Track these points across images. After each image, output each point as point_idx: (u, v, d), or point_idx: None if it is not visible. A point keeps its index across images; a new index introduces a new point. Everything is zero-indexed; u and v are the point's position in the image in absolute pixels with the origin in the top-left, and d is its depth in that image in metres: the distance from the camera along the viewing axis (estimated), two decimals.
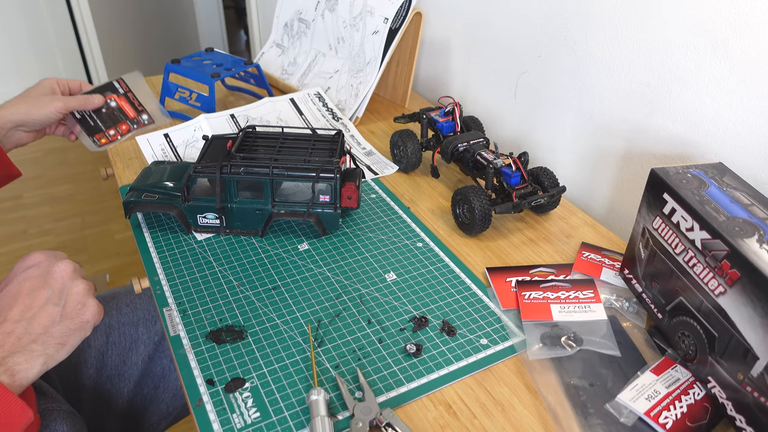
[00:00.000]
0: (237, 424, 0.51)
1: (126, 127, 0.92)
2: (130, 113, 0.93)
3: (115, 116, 0.92)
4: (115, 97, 0.92)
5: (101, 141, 0.89)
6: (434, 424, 0.52)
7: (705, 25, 0.67)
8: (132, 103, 0.94)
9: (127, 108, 0.93)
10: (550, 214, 0.82)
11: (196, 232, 0.75)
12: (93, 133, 0.90)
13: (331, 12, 1.10)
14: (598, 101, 0.84)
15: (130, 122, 0.92)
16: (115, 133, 0.91)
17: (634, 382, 0.56)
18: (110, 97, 0.92)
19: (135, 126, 0.93)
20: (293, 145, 0.76)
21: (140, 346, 0.74)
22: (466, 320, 0.63)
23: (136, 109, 0.94)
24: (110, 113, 0.91)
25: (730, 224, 0.52)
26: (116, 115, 0.92)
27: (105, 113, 0.91)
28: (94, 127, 0.90)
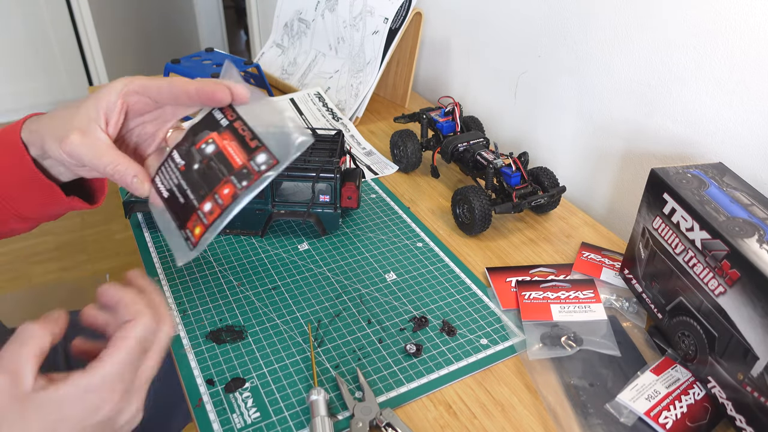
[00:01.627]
0: (237, 424, 0.51)
1: (230, 189, 0.45)
2: (237, 159, 0.46)
3: (212, 173, 0.46)
4: (214, 138, 0.47)
5: (195, 232, 0.46)
6: (434, 424, 0.52)
7: (705, 25, 0.67)
8: (241, 137, 0.47)
9: (233, 151, 0.47)
10: (550, 214, 0.82)
11: None
12: (183, 222, 0.47)
13: (331, 12, 1.10)
14: (598, 101, 0.84)
15: (236, 178, 0.45)
16: (213, 209, 0.45)
17: (634, 382, 0.56)
18: (206, 139, 0.48)
19: (243, 183, 0.45)
20: None
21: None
22: (466, 320, 0.63)
23: (247, 147, 0.46)
24: (204, 169, 0.47)
25: (730, 224, 0.52)
26: (214, 171, 0.46)
27: (197, 170, 0.47)
28: (183, 209, 0.47)
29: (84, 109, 0.46)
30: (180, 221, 0.47)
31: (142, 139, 0.51)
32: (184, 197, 0.47)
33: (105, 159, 0.45)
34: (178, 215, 0.47)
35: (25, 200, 0.50)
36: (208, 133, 0.48)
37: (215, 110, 0.49)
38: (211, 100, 0.47)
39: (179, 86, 0.46)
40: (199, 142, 0.48)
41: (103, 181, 0.56)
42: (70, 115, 0.46)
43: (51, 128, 0.47)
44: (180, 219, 0.47)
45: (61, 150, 0.45)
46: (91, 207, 0.54)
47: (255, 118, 0.47)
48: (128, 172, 0.46)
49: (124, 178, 0.46)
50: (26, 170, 0.48)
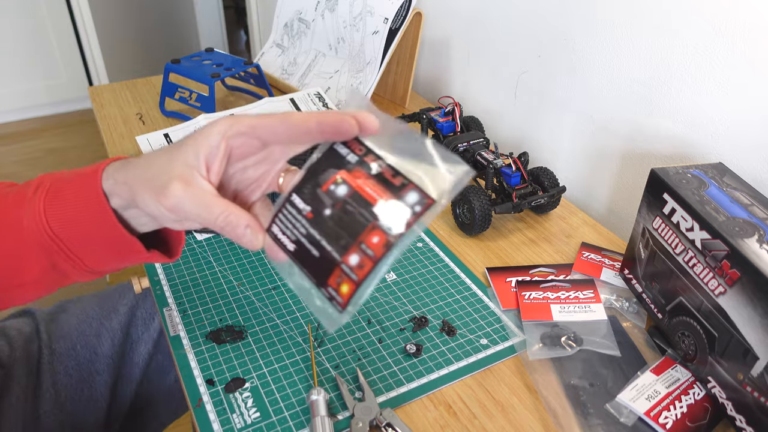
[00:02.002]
0: (237, 424, 0.51)
1: (380, 237, 0.38)
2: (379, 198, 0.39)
3: (350, 219, 0.39)
4: (344, 177, 0.40)
5: (341, 291, 0.38)
6: (434, 424, 0.52)
7: (705, 25, 0.67)
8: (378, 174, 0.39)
9: (372, 191, 0.39)
10: (550, 214, 0.82)
11: (196, 232, 0.75)
12: (322, 279, 0.39)
13: (331, 12, 1.10)
14: (598, 101, 0.84)
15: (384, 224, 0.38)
16: (362, 262, 0.38)
17: (634, 382, 0.56)
18: (332, 180, 0.40)
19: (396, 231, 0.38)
20: None
21: (140, 346, 0.74)
22: (466, 320, 0.63)
23: (390, 186, 0.39)
24: (340, 215, 0.39)
25: (730, 224, 0.52)
26: (353, 216, 0.39)
27: (330, 217, 0.39)
28: (320, 263, 0.39)
29: (181, 155, 0.40)
30: (317, 278, 0.39)
31: (243, 186, 0.45)
32: (318, 249, 0.39)
33: (215, 210, 0.39)
34: (313, 271, 0.39)
35: (99, 255, 0.44)
36: (334, 171, 0.40)
37: (337, 144, 0.41)
38: (335, 134, 0.39)
39: (296, 123, 0.39)
40: (324, 183, 0.39)
41: (180, 232, 0.50)
42: (165, 163, 0.40)
43: (143, 179, 0.40)
44: (317, 275, 0.39)
45: (161, 204, 0.39)
46: (170, 260, 0.49)
47: (390, 149, 0.40)
48: (240, 222, 0.40)
49: (236, 230, 0.40)
50: (107, 225, 0.42)
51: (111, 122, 1.04)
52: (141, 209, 0.41)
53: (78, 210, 0.42)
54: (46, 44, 2.69)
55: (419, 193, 0.38)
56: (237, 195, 0.45)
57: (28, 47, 2.67)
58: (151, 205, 0.40)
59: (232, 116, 0.41)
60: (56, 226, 0.42)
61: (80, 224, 0.42)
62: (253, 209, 0.45)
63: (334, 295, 0.38)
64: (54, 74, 2.78)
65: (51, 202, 0.43)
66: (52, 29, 2.66)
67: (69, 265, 0.44)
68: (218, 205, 0.39)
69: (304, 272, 0.40)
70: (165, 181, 0.39)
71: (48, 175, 0.45)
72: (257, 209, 0.45)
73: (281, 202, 0.41)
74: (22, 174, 2.36)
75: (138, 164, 0.42)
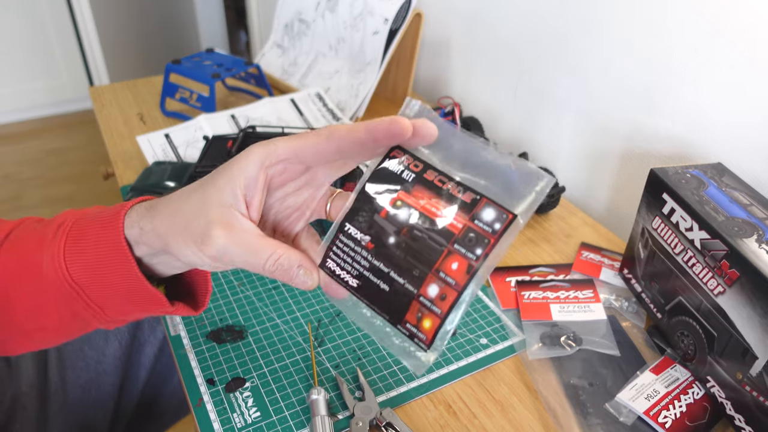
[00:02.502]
0: (237, 424, 0.51)
1: (460, 263, 0.33)
2: (454, 222, 0.34)
3: (421, 245, 0.34)
4: (403, 198, 0.35)
5: (423, 326, 0.34)
6: (434, 423, 0.53)
7: (705, 26, 0.67)
8: (444, 191, 0.35)
9: (440, 212, 0.34)
10: (549, 214, 0.82)
11: None
12: (398, 316, 0.35)
13: (331, 12, 1.10)
14: (597, 101, 0.84)
15: (463, 247, 0.33)
16: (444, 292, 0.33)
17: (634, 381, 0.56)
18: (392, 202, 0.35)
19: (478, 252, 0.33)
20: None
21: (147, 347, 0.74)
22: (466, 320, 0.63)
23: (462, 203, 0.34)
24: (408, 243, 0.34)
25: (729, 224, 0.52)
26: (424, 242, 0.34)
27: (396, 245, 0.34)
28: (392, 298, 0.35)
29: (215, 193, 0.36)
30: (392, 315, 0.34)
31: (284, 216, 0.40)
32: (387, 283, 0.34)
33: (263, 254, 0.35)
34: (385, 308, 0.35)
35: (121, 305, 0.41)
36: (392, 193, 0.35)
37: (389, 161, 0.36)
38: (389, 137, 0.34)
39: (343, 135, 0.35)
40: (382, 208, 0.35)
41: (206, 277, 0.45)
42: (199, 205, 0.36)
43: (177, 227, 0.36)
44: (391, 312, 0.34)
45: (203, 253, 0.35)
46: (196, 313, 0.44)
47: (452, 161, 0.35)
48: (292, 263, 0.35)
49: (288, 272, 0.36)
50: (130, 276, 0.38)
51: (112, 122, 1.04)
52: (176, 257, 0.37)
53: (99, 258, 0.38)
54: (46, 44, 2.69)
55: (496, 209, 0.33)
56: (277, 226, 0.40)
57: (28, 47, 2.67)
58: (189, 255, 0.36)
59: (270, 142, 0.36)
60: (76, 272, 0.39)
61: (101, 273, 0.39)
62: (297, 241, 0.40)
63: (415, 332, 0.34)
64: (55, 74, 2.78)
65: (71, 247, 0.39)
66: (52, 29, 2.66)
67: (89, 314, 0.41)
68: (266, 248, 0.35)
69: (374, 309, 0.35)
70: (204, 228, 0.35)
71: (71, 213, 0.42)
72: (303, 241, 0.40)
73: (333, 233, 0.36)
74: (22, 174, 2.36)
75: (166, 208, 0.37)
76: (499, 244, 0.33)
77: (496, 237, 0.33)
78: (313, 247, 0.39)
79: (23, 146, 2.58)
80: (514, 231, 0.33)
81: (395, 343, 0.35)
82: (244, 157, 0.36)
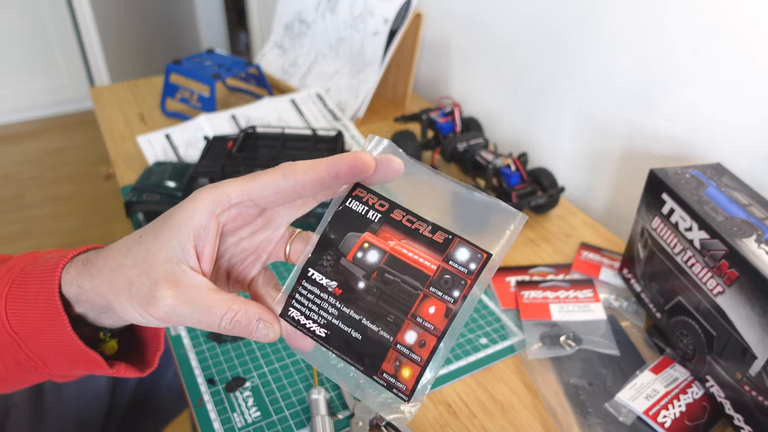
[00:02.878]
0: (238, 423, 0.52)
1: (437, 306, 0.31)
2: (427, 263, 0.32)
3: (394, 290, 0.32)
4: (370, 240, 0.33)
5: (402, 376, 0.32)
6: (434, 423, 0.53)
7: (705, 26, 0.67)
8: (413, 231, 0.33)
9: (411, 253, 0.32)
10: (549, 214, 0.82)
11: None
12: (374, 366, 0.32)
13: (331, 13, 1.10)
14: (597, 101, 0.84)
15: (439, 290, 0.32)
16: (423, 338, 0.31)
17: (633, 381, 0.56)
18: (358, 245, 0.33)
19: (455, 294, 0.31)
20: (294, 146, 0.77)
21: None
22: (466, 320, 0.63)
23: (432, 243, 0.32)
24: (380, 288, 0.32)
25: (729, 224, 0.52)
26: (397, 287, 0.32)
27: (367, 290, 0.32)
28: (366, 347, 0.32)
29: (161, 247, 0.32)
30: (367, 366, 0.32)
31: (238, 260, 0.37)
32: (360, 332, 0.32)
33: (217, 312, 0.32)
34: (359, 358, 0.32)
35: (60, 362, 0.38)
36: (357, 235, 0.33)
37: (351, 202, 0.33)
38: (351, 173, 0.32)
39: (302, 172, 0.32)
40: (348, 252, 0.33)
41: (158, 335, 0.41)
42: (143, 261, 0.32)
43: (117, 286, 0.33)
44: (366, 362, 0.32)
45: (150, 315, 0.32)
46: (142, 374, 0.40)
47: (419, 199, 0.33)
48: (250, 318, 0.32)
49: (246, 328, 0.32)
50: (63, 336, 0.35)
51: (112, 123, 1.04)
52: (120, 317, 0.34)
53: (37, 311, 0.35)
54: (47, 45, 2.69)
55: (470, 249, 0.32)
56: (231, 272, 0.37)
57: (29, 48, 2.67)
58: (135, 316, 0.33)
59: (219, 185, 0.33)
60: (15, 323, 0.36)
61: (39, 327, 0.35)
62: (254, 286, 0.37)
63: (393, 382, 0.31)
64: (55, 75, 2.78)
65: (14, 294, 0.36)
66: (53, 30, 2.67)
67: (32, 366, 0.37)
68: (220, 305, 0.32)
69: (346, 360, 0.33)
70: (149, 287, 0.32)
71: (27, 256, 0.39)
72: (260, 287, 0.37)
73: (295, 280, 0.33)
74: (23, 174, 2.36)
75: (105, 265, 0.34)
76: (477, 284, 0.31)
77: (472, 278, 0.31)
78: (271, 293, 0.36)
79: (24, 146, 2.58)
80: (490, 270, 0.31)
81: (372, 395, 0.33)
82: (192, 205, 0.32)
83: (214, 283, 0.34)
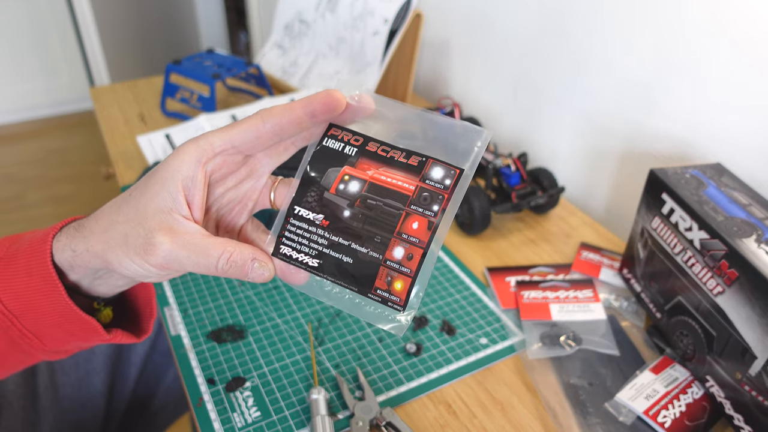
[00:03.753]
0: (238, 423, 0.52)
1: (420, 222, 0.34)
2: (406, 185, 0.35)
3: (378, 213, 0.35)
4: (349, 173, 0.36)
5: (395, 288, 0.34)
6: (434, 423, 0.53)
7: (705, 26, 0.67)
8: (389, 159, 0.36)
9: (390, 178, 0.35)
10: (549, 214, 0.82)
11: None
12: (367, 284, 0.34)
13: (331, 13, 1.10)
14: (597, 101, 0.84)
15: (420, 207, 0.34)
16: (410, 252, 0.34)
17: (633, 381, 0.56)
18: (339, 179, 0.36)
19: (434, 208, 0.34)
20: None
21: (137, 345, 0.74)
22: (466, 320, 0.63)
23: (408, 167, 0.35)
24: (364, 213, 0.35)
25: (729, 224, 0.52)
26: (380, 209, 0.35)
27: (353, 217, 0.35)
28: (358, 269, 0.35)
29: (152, 200, 0.34)
30: (361, 286, 0.34)
31: (225, 211, 0.38)
32: (350, 256, 0.34)
33: (213, 253, 0.33)
34: (352, 280, 0.35)
35: (56, 335, 0.39)
36: (337, 170, 0.35)
37: (327, 141, 0.36)
38: (326, 110, 0.34)
39: (280, 114, 0.34)
40: (331, 185, 0.35)
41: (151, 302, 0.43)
42: (135, 215, 0.34)
43: (113, 242, 0.34)
44: (360, 283, 0.34)
45: (148, 263, 0.33)
46: (138, 340, 0.42)
47: (389, 132, 0.36)
48: (245, 258, 0.34)
49: (242, 268, 0.34)
50: (60, 305, 0.36)
51: (112, 123, 1.04)
52: (119, 273, 0.35)
53: (29, 285, 0.36)
54: (47, 45, 2.69)
55: (444, 167, 0.34)
56: (220, 223, 0.38)
57: (29, 48, 2.67)
58: (135, 268, 0.34)
59: (202, 136, 0.34)
60: (8, 300, 0.36)
61: (32, 301, 0.36)
62: (243, 235, 0.39)
63: (387, 296, 0.34)
64: (55, 75, 2.78)
65: (2, 274, 0.37)
66: (53, 29, 2.67)
67: (26, 343, 0.38)
68: (215, 247, 0.33)
69: (340, 284, 0.35)
70: (145, 237, 0.33)
71: (7, 239, 0.39)
72: (249, 233, 0.39)
73: (282, 219, 0.36)
74: (23, 174, 2.36)
75: (97, 225, 0.35)
76: (453, 198, 0.34)
77: (449, 192, 0.34)
78: (261, 237, 0.38)
79: (24, 146, 2.58)
80: (464, 185, 0.34)
81: (369, 311, 0.36)
82: (178, 158, 0.34)
83: None
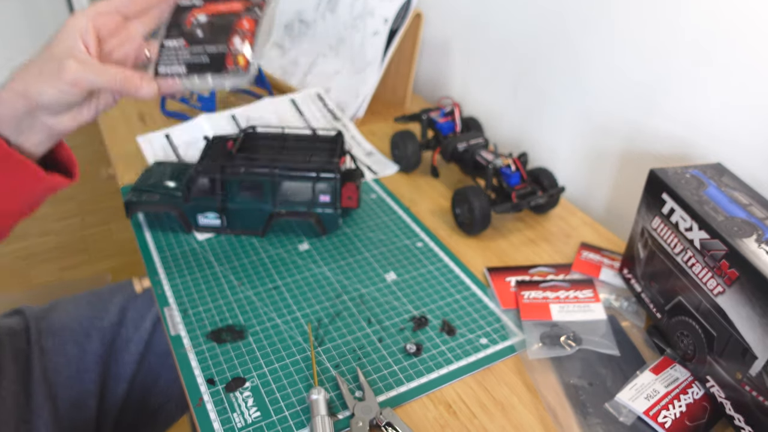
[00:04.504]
0: (237, 424, 0.52)
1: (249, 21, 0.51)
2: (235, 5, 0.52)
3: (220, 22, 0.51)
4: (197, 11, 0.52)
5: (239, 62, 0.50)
6: (434, 423, 0.53)
7: (705, 26, 0.67)
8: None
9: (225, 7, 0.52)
10: (549, 214, 0.82)
11: (196, 232, 0.75)
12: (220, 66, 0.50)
13: (331, 13, 1.10)
14: (597, 101, 0.84)
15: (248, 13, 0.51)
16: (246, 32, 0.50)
17: (633, 381, 0.56)
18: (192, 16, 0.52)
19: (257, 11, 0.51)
20: (294, 146, 0.77)
21: (131, 346, 0.74)
22: (466, 320, 0.63)
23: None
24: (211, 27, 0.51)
25: (729, 224, 0.52)
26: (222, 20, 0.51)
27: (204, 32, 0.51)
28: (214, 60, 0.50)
29: (58, 45, 0.46)
30: (216, 68, 0.50)
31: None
32: (206, 55, 0.50)
33: (111, 70, 0.46)
34: (210, 67, 0.50)
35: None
36: (188, 11, 0.52)
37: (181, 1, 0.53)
38: None
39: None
40: (185, 22, 0.51)
41: (70, 154, 0.56)
42: (48, 56, 0.46)
43: (30, 76, 0.46)
44: (215, 67, 0.50)
45: (62, 81, 0.44)
46: (71, 182, 0.54)
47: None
48: (135, 75, 0.47)
49: (133, 81, 0.47)
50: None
51: (112, 122, 1.04)
52: (39, 103, 0.46)
53: None
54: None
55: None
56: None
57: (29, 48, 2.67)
58: (51, 91, 0.45)
59: (91, 4, 0.48)
60: None
61: None
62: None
63: (235, 68, 0.49)
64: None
65: None
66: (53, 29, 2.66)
67: None
68: (113, 68, 0.47)
69: (204, 75, 0.49)
70: (57, 64, 0.44)
71: None
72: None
73: (157, 51, 0.50)
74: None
75: (16, 79, 0.46)
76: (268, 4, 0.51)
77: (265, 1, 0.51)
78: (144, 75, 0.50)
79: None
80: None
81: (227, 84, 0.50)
82: (72, 18, 0.47)
83: None
